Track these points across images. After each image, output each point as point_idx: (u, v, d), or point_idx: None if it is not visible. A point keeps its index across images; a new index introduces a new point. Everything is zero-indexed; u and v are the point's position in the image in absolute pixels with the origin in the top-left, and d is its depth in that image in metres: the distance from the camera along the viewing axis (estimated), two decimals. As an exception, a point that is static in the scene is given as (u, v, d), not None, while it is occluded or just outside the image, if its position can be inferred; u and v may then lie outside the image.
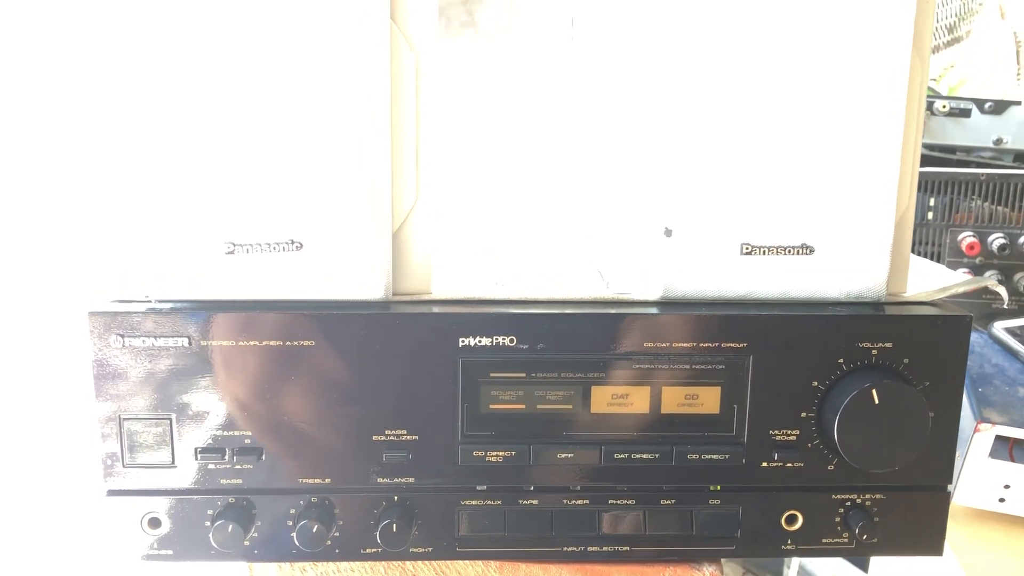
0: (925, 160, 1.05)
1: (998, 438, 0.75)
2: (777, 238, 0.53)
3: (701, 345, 0.52)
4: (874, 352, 0.53)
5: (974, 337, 0.93)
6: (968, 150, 1.06)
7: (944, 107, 1.05)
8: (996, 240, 1.02)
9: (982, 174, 1.02)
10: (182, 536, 0.53)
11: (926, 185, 1.04)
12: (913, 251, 1.03)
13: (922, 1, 0.51)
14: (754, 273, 0.53)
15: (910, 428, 0.51)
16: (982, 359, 0.90)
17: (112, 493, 0.53)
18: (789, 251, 0.53)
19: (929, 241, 1.04)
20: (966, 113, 1.04)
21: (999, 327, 0.94)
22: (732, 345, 0.53)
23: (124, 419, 0.52)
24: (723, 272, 0.53)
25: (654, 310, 0.53)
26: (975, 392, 0.81)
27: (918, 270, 0.62)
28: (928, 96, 1.06)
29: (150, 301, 0.51)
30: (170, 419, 0.52)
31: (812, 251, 0.53)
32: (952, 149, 1.06)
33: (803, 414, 0.53)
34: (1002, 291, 0.59)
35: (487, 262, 0.64)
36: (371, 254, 0.51)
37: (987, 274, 1.03)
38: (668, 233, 0.53)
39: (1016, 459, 0.76)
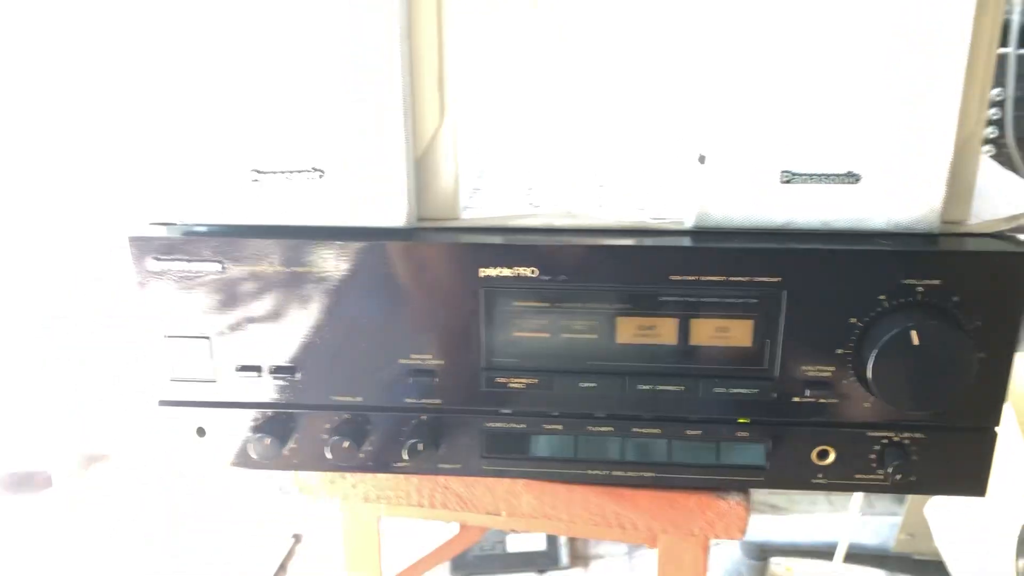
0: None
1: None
2: (820, 165, 0.49)
3: (732, 279, 0.50)
4: (920, 289, 0.49)
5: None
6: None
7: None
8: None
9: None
10: (227, 444, 0.57)
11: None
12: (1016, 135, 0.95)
13: None
14: (794, 202, 0.50)
15: (952, 372, 0.48)
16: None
17: (163, 403, 0.56)
18: (833, 179, 0.49)
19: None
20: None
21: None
22: (766, 279, 0.50)
23: (167, 336, 0.55)
24: (760, 201, 0.50)
25: (685, 241, 0.51)
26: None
27: (997, 189, 0.57)
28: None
29: (184, 225, 0.53)
30: (208, 338, 0.54)
31: (858, 179, 0.49)
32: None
33: (839, 351, 0.51)
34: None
35: (520, 184, 0.62)
36: (392, 181, 0.51)
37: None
38: (702, 160, 0.50)
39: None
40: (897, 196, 0.49)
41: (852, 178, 0.49)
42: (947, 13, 0.46)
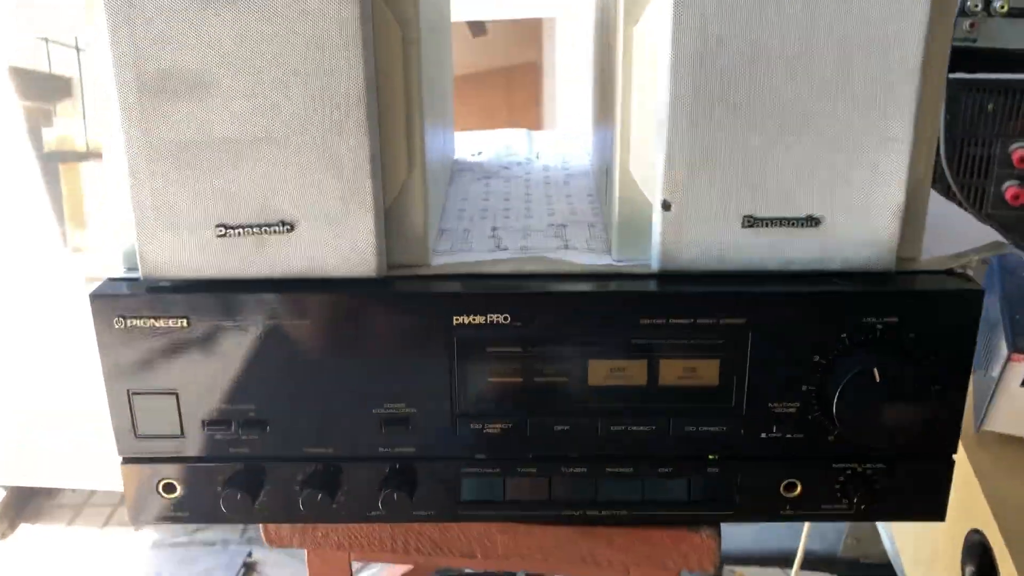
0: (982, 64, 0.99)
1: (1032, 366, 0.73)
2: (781, 210, 0.51)
3: (699, 321, 0.51)
4: (879, 327, 0.51)
5: (1015, 258, 0.89)
6: (1026, 55, 0.98)
7: (1003, 7, 0.97)
8: (1050, 152, 0.97)
9: (1040, 81, 0.96)
10: (196, 500, 0.56)
11: (982, 88, 0.98)
12: (961, 159, 0.99)
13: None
14: (756, 245, 0.52)
15: (912, 405, 0.50)
16: (1022, 282, 0.87)
17: (127, 460, 0.55)
18: (793, 223, 0.51)
19: (980, 148, 0.99)
20: (1027, 13, 0.97)
21: (1044, 248, 0.90)
22: (731, 321, 0.51)
23: (132, 393, 0.54)
24: (724, 245, 0.52)
25: (652, 284, 0.52)
26: (1011, 319, 0.78)
27: (943, 222, 0.59)
28: (986, -6, 0.98)
29: (146, 280, 0.52)
30: (176, 394, 0.53)
31: (818, 223, 0.51)
32: (1010, 53, 0.98)
33: (804, 387, 0.53)
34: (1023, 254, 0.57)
35: (485, 225, 0.63)
36: (361, 232, 0.51)
37: (1038, 189, 0.98)
38: (667, 207, 0.51)
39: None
40: (854, 238, 0.51)
41: (812, 222, 0.51)
42: (897, 69, 0.48)
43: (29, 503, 1.75)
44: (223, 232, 0.51)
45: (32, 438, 1.67)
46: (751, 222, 0.51)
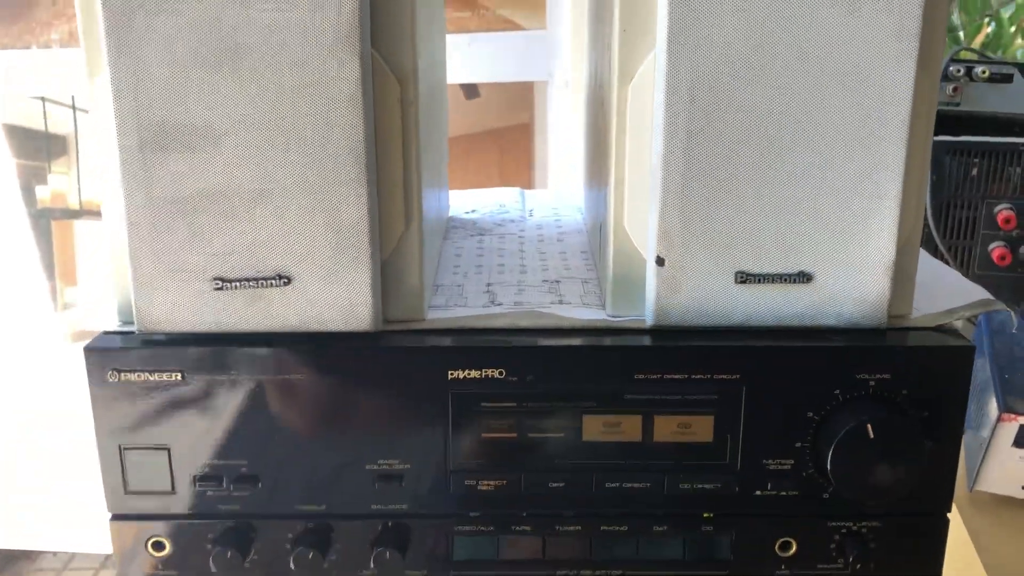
0: (964, 127, 1.01)
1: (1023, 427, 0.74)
2: (773, 266, 0.51)
3: (693, 377, 0.52)
4: (872, 383, 0.51)
5: (1005, 318, 0.90)
6: (1010, 120, 1.01)
7: (984, 73, 1.00)
8: (1034, 214, 0.98)
9: (1021, 144, 0.98)
10: (186, 558, 0.55)
11: (965, 152, 1.00)
12: (948, 221, 1.00)
13: (930, 16, 0.48)
14: (749, 301, 0.52)
15: (905, 462, 0.50)
16: (1013, 342, 0.87)
17: (116, 517, 0.55)
18: (786, 279, 0.52)
19: (966, 211, 1.00)
20: (1007, 79, 0.99)
21: (1032, 307, 0.91)
22: (725, 376, 0.52)
23: (124, 448, 0.53)
24: (717, 300, 0.52)
25: (646, 340, 0.53)
26: (1001, 379, 0.79)
27: (932, 280, 0.60)
28: (967, 61, 1.01)
29: (142, 334, 0.52)
30: (168, 449, 0.53)
31: (810, 279, 0.52)
32: (992, 117, 1.01)
33: (798, 444, 0.53)
34: (1012, 314, 0.57)
35: (483, 281, 0.63)
36: (358, 286, 0.51)
37: (1022, 248, 1.00)
38: (660, 262, 0.51)
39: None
40: (846, 294, 0.52)
41: (804, 278, 0.52)
42: (885, 126, 0.49)
43: (9, 567, 1.71)
44: (220, 286, 0.51)
45: (13, 500, 1.64)
46: (744, 278, 0.52)
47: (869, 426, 0.50)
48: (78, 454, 1.52)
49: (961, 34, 1.30)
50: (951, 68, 1.00)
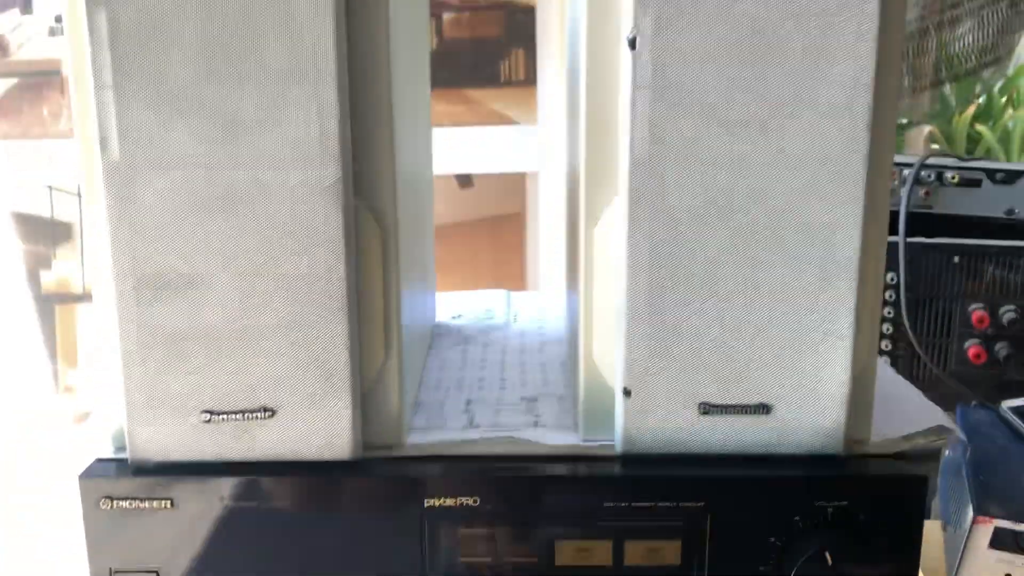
0: (936, 228, 1.05)
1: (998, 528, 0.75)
2: (735, 397, 0.54)
3: (660, 505, 0.54)
4: (830, 511, 0.54)
5: (981, 414, 0.92)
6: (981, 221, 1.04)
7: (954, 178, 1.04)
8: (1007, 313, 1.01)
9: (993, 246, 1.01)
10: None
11: (940, 251, 1.03)
12: (924, 318, 1.03)
13: (877, 159, 0.52)
14: (713, 431, 0.55)
15: (865, 589, 0.52)
16: (987, 441, 0.88)
17: (105, 639, 0.56)
18: (747, 410, 0.54)
19: (942, 308, 1.03)
20: (976, 183, 1.03)
21: (1007, 406, 0.92)
22: (691, 505, 0.54)
23: (115, 572, 0.55)
24: (682, 431, 0.55)
25: (615, 468, 0.55)
26: (976, 480, 0.80)
27: (893, 401, 0.63)
28: (938, 166, 1.05)
29: (134, 463, 0.55)
30: (157, 572, 0.55)
31: (769, 410, 0.54)
32: (963, 220, 1.05)
33: (761, 568, 0.55)
34: (957, 430, 0.60)
35: (462, 398, 0.66)
36: (339, 417, 0.54)
37: (997, 347, 1.02)
38: (627, 394, 0.54)
39: (1021, 546, 0.75)
40: (804, 425, 0.54)
41: (764, 409, 0.54)
42: (835, 264, 0.52)
43: None
44: (208, 418, 0.54)
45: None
46: (707, 409, 0.54)
47: (827, 552, 0.52)
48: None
49: (952, 101, 1.35)
50: (923, 173, 1.04)
